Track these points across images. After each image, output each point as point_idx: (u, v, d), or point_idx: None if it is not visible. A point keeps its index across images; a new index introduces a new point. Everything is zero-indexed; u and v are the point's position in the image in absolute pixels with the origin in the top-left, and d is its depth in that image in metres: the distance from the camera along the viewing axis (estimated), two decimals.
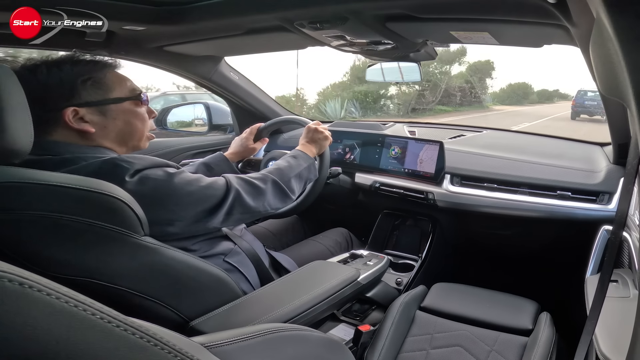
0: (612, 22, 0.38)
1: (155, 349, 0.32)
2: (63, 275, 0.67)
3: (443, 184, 1.47)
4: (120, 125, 0.88)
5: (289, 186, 1.03)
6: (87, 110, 0.83)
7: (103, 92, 0.86)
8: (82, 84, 0.83)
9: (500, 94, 24.46)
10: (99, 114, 0.85)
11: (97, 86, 0.85)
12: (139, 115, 0.92)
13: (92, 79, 0.84)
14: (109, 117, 0.87)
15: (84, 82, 0.83)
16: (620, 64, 0.39)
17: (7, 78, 0.67)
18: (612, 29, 0.38)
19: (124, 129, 0.89)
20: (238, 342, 0.55)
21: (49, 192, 0.65)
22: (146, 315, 0.71)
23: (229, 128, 2.02)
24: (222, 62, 1.72)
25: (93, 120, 0.84)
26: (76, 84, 0.82)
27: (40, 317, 0.26)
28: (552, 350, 0.99)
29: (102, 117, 0.86)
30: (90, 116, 0.84)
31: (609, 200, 1.25)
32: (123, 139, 0.90)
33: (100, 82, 0.86)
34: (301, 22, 1.10)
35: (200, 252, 0.91)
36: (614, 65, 0.43)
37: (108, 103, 0.86)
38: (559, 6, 0.76)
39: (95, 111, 0.85)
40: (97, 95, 0.85)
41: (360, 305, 1.27)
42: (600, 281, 0.70)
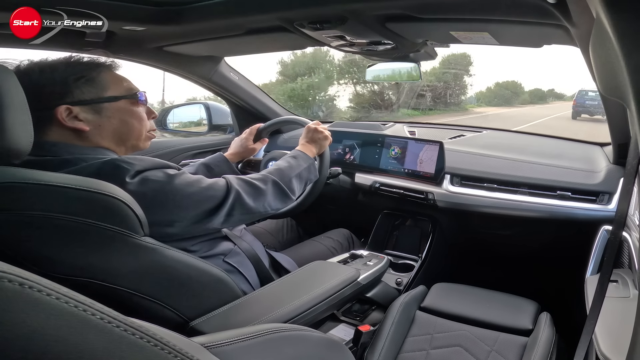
0: (612, 22, 0.38)
1: (155, 349, 0.33)
2: (63, 276, 0.67)
3: (443, 184, 1.47)
4: (116, 124, 0.88)
5: (290, 187, 1.03)
6: (81, 108, 0.83)
7: (97, 90, 0.86)
8: (75, 82, 0.83)
9: (486, 94, 23.09)
10: (94, 112, 0.85)
11: (91, 84, 0.85)
12: (135, 114, 0.92)
13: (85, 77, 0.84)
14: (103, 115, 0.86)
15: (77, 80, 0.83)
16: (620, 64, 0.39)
17: (7, 78, 0.67)
18: (612, 29, 0.38)
19: (120, 128, 0.89)
20: (238, 342, 0.55)
21: (50, 193, 0.65)
22: (146, 316, 0.71)
23: (228, 128, 2.02)
24: (222, 62, 1.72)
25: (87, 119, 0.84)
26: (68, 82, 0.82)
27: (40, 317, 0.26)
28: (552, 350, 0.99)
29: (96, 115, 0.85)
30: (84, 115, 0.83)
31: (608, 200, 1.25)
32: (120, 138, 0.90)
33: (93, 80, 0.86)
34: (301, 23, 1.10)
35: (200, 252, 0.91)
36: (614, 66, 0.43)
37: (102, 101, 0.86)
38: (559, 6, 0.76)
39: (90, 110, 0.84)
40: (90, 94, 0.85)
41: (360, 305, 1.27)
42: (600, 281, 0.70)
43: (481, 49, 20.47)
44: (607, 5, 0.37)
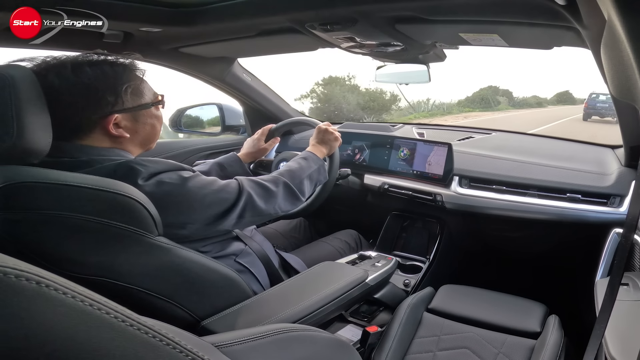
0: (624, 23, 0.38)
1: (167, 348, 0.33)
2: (78, 275, 0.68)
3: (451, 185, 1.47)
4: (148, 130, 0.90)
5: (300, 188, 1.04)
6: (123, 116, 0.84)
7: (138, 98, 0.87)
8: (124, 91, 0.84)
9: (465, 102, 21.12)
10: (133, 120, 0.87)
11: (135, 93, 0.86)
12: (160, 118, 0.94)
13: (131, 86, 0.85)
14: (140, 122, 0.88)
15: (126, 88, 0.84)
16: (632, 66, 0.39)
17: (25, 79, 0.68)
18: (624, 31, 0.38)
19: (150, 133, 0.91)
20: (248, 341, 0.56)
21: (66, 192, 0.66)
22: (158, 314, 0.72)
23: (241, 129, 2.04)
24: (235, 63, 1.73)
25: (127, 126, 0.85)
26: (119, 90, 0.83)
27: (56, 315, 0.27)
28: (561, 353, 0.98)
29: (134, 122, 0.87)
30: (125, 122, 0.85)
31: (620, 203, 1.24)
32: (145, 142, 0.91)
33: (137, 88, 0.87)
34: (312, 24, 1.11)
35: (212, 253, 0.92)
36: (626, 68, 0.43)
37: (142, 109, 0.88)
38: (569, 8, 0.75)
39: (130, 117, 0.86)
40: (134, 102, 0.86)
41: (368, 306, 1.28)
42: (610, 284, 0.70)
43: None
44: (619, 7, 0.37)
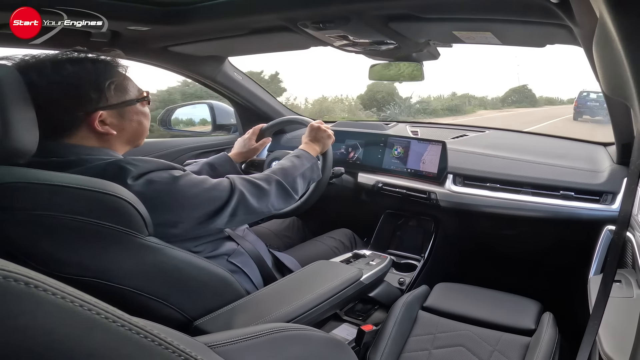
0: (616, 22, 0.38)
1: (159, 348, 0.33)
2: (68, 275, 0.67)
3: (446, 184, 1.47)
4: (135, 126, 0.89)
5: (293, 186, 1.04)
6: (108, 113, 0.84)
7: (123, 94, 0.86)
8: (108, 87, 0.83)
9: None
10: (119, 116, 0.86)
11: (119, 89, 0.85)
12: (146, 114, 0.93)
13: (115, 82, 0.84)
14: (126, 119, 0.87)
15: (109, 84, 0.83)
16: (624, 64, 0.39)
17: (9, 77, 0.67)
18: (616, 29, 0.38)
19: (137, 129, 0.90)
20: (241, 341, 0.56)
21: (54, 192, 0.65)
22: (150, 315, 0.72)
23: (232, 128, 2.03)
24: (226, 62, 1.72)
25: (113, 123, 0.85)
26: (102, 86, 0.82)
27: (45, 317, 0.26)
28: (555, 350, 0.98)
29: (120, 119, 0.86)
30: (111, 119, 0.84)
31: (612, 200, 1.25)
32: (133, 139, 0.91)
33: (121, 85, 0.86)
34: (304, 23, 1.10)
35: (205, 253, 0.91)
36: (618, 66, 0.43)
37: (127, 105, 0.87)
38: (562, 6, 0.76)
39: (115, 114, 0.85)
40: (118, 98, 0.85)
41: (362, 305, 1.28)
42: (603, 281, 0.70)
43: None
44: (611, 5, 0.37)
